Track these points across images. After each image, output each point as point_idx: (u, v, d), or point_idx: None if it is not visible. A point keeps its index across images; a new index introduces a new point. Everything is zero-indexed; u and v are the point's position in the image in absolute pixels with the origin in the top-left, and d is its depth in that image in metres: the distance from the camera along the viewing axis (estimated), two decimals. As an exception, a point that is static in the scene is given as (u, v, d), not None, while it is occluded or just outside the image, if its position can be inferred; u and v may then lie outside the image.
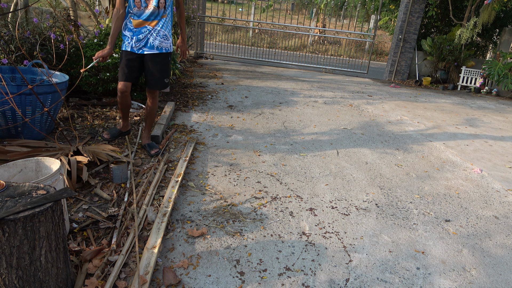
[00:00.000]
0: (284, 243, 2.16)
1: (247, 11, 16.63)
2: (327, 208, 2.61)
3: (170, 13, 2.82)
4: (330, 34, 12.91)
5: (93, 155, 2.78)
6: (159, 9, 2.75)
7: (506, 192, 3.18)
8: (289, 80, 7.67)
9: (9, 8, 5.30)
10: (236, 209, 2.48)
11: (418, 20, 8.95)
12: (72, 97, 4.32)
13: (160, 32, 2.79)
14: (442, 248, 2.26)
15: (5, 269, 1.34)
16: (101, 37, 4.31)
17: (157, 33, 2.78)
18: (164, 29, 2.80)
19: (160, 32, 2.79)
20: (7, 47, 3.77)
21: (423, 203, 2.82)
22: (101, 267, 1.78)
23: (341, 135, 4.31)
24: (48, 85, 2.98)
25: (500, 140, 4.78)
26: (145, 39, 2.79)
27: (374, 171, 3.36)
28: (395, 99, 6.83)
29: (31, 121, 3.01)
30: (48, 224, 1.41)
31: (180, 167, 2.91)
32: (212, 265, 1.91)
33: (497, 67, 7.94)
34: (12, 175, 1.92)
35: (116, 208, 2.32)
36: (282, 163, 3.33)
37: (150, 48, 2.81)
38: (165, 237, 2.10)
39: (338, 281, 1.89)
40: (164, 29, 2.81)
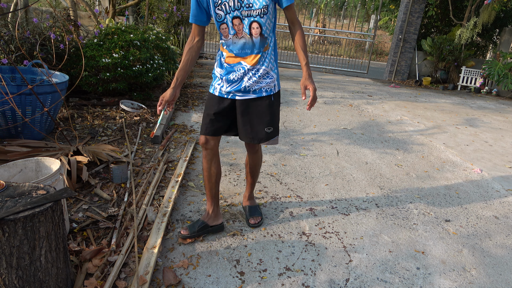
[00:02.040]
0: (284, 243, 2.16)
1: (247, 11, 16.61)
2: (327, 208, 2.61)
3: (273, 42, 1.98)
4: (330, 34, 12.91)
5: (93, 155, 2.78)
6: (255, 38, 1.88)
7: (506, 192, 3.18)
8: (289, 80, 7.67)
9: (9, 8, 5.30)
10: (236, 209, 2.48)
11: (418, 20, 8.95)
12: (72, 97, 4.32)
13: (260, 70, 1.95)
14: (442, 248, 2.26)
15: (5, 269, 1.34)
16: (101, 37, 4.32)
17: (255, 72, 1.95)
18: (267, 65, 1.96)
19: (260, 71, 1.95)
20: (7, 47, 3.77)
21: (423, 203, 2.82)
22: (101, 267, 1.78)
23: (341, 135, 4.31)
24: (48, 85, 2.98)
25: (500, 140, 4.78)
26: (239, 81, 1.97)
27: (374, 171, 3.36)
28: (395, 99, 6.83)
29: (31, 121, 3.01)
30: (48, 224, 1.41)
31: (180, 167, 2.91)
32: (212, 265, 1.91)
33: (497, 67, 7.94)
34: (12, 175, 1.92)
35: (116, 208, 2.32)
36: (282, 163, 3.33)
37: (245, 93, 1.98)
38: (165, 237, 2.10)
39: (338, 281, 1.89)
40: (267, 66, 1.96)
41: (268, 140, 2.05)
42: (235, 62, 1.96)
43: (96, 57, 4.11)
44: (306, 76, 1.89)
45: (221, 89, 2.01)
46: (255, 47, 1.90)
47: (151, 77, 4.33)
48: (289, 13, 1.89)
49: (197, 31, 1.99)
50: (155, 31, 4.86)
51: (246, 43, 1.90)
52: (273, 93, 2.01)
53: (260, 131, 2.03)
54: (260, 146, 2.24)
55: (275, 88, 2.03)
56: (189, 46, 2.00)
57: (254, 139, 2.05)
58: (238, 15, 1.84)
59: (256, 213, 2.33)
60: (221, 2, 1.83)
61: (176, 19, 6.81)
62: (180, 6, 7.10)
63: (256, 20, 1.83)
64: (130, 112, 4.18)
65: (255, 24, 1.84)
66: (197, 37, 2.00)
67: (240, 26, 1.87)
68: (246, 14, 1.83)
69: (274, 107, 2.04)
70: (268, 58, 1.95)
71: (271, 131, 2.05)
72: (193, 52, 2.01)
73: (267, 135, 2.04)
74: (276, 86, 2.03)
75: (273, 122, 2.04)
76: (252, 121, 2.02)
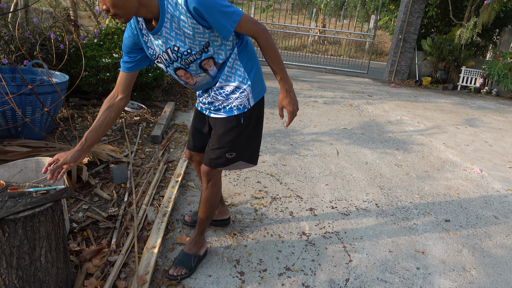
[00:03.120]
0: (284, 243, 2.16)
1: (247, 11, 16.63)
2: (327, 208, 2.61)
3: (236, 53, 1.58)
4: (330, 34, 12.91)
5: (93, 155, 2.78)
6: (211, 71, 1.58)
7: (506, 192, 3.18)
8: (289, 80, 7.66)
9: (9, 8, 5.30)
10: (236, 209, 2.48)
11: (418, 20, 8.95)
12: (72, 97, 4.32)
13: (226, 87, 1.62)
14: (442, 248, 2.26)
15: (5, 269, 1.34)
16: (101, 37, 4.32)
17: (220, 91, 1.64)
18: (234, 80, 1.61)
19: (226, 88, 1.62)
20: (7, 47, 3.77)
21: (423, 203, 2.82)
22: (101, 267, 1.78)
23: (341, 135, 4.31)
24: (48, 85, 2.98)
25: (500, 140, 4.78)
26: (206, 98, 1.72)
27: (374, 171, 3.36)
28: (395, 99, 6.83)
29: (31, 121, 3.01)
30: (48, 224, 1.41)
31: (180, 167, 2.91)
32: (212, 265, 1.91)
33: (497, 67, 7.94)
34: (12, 175, 1.92)
35: (116, 208, 2.32)
36: (282, 163, 3.33)
37: (216, 110, 1.69)
38: (165, 237, 2.10)
39: (338, 281, 1.89)
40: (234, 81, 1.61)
41: (227, 165, 1.70)
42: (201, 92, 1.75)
43: (96, 57, 4.11)
44: (284, 94, 1.60)
45: (200, 105, 1.82)
46: (216, 76, 1.60)
47: (151, 77, 4.33)
48: (242, 31, 1.48)
49: (123, 84, 1.61)
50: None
51: (205, 81, 1.62)
52: (246, 109, 1.63)
53: (220, 154, 1.67)
54: (218, 180, 1.78)
55: (249, 103, 1.64)
56: (109, 103, 1.61)
57: (212, 163, 1.70)
58: (179, 66, 1.55)
59: (183, 264, 1.79)
60: (157, 56, 1.55)
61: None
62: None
63: (203, 58, 1.51)
64: (130, 112, 4.18)
65: (205, 61, 1.53)
66: (121, 94, 1.62)
67: (187, 75, 1.58)
68: (188, 61, 1.51)
69: (241, 129, 1.66)
70: (233, 73, 1.59)
71: (233, 157, 1.69)
72: (113, 112, 1.61)
73: (227, 160, 1.68)
74: (250, 100, 1.64)
75: (237, 146, 1.67)
76: (213, 141, 1.69)
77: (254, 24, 1.47)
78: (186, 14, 1.37)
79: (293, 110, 1.62)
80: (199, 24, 1.40)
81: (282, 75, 1.58)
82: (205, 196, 1.79)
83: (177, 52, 1.48)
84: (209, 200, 1.80)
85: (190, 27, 1.40)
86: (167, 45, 1.47)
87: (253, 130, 1.71)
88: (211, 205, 1.82)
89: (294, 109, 1.62)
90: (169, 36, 1.44)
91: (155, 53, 1.53)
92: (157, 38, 1.46)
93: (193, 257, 1.85)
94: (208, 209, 1.82)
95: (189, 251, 1.86)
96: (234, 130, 1.65)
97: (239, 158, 1.71)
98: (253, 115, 1.68)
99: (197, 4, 1.33)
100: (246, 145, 1.71)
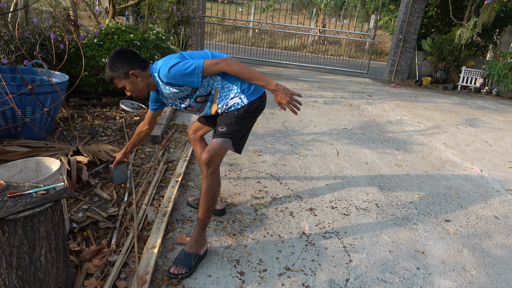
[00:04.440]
0: (284, 243, 2.16)
1: (247, 11, 16.63)
2: (327, 208, 2.61)
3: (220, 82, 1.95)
4: (330, 34, 12.91)
5: (93, 155, 2.78)
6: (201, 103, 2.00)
7: (506, 192, 3.18)
8: (289, 80, 7.67)
9: (9, 8, 5.30)
10: (236, 209, 2.48)
11: (418, 20, 8.95)
12: (72, 97, 4.32)
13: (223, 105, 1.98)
14: (442, 248, 2.26)
15: (5, 269, 1.34)
16: (101, 37, 4.31)
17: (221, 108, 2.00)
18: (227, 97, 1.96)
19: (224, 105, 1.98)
20: (7, 47, 3.77)
21: (423, 203, 2.82)
22: (101, 267, 1.78)
23: (341, 135, 4.31)
24: (48, 85, 2.98)
25: (500, 140, 4.78)
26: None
27: (374, 171, 3.36)
28: (395, 99, 6.83)
29: (31, 121, 3.01)
30: (48, 224, 1.41)
31: (180, 167, 2.91)
32: (212, 265, 1.91)
33: (497, 67, 7.94)
34: (12, 175, 1.92)
35: (116, 208, 2.32)
36: (282, 163, 3.33)
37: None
38: (165, 237, 2.10)
39: (338, 281, 1.89)
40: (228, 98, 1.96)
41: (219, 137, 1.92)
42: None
43: (96, 57, 4.11)
44: (274, 94, 1.87)
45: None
46: (211, 100, 2.00)
47: (151, 77, 4.32)
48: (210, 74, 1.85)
49: (149, 119, 2.30)
50: (155, 31, 4.86)
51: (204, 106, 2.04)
52: (240, 106, 1.94)
53: (216, 130, 1.98)
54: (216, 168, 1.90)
55: (243, 101, 1.94)
56: (140, 130, 2.36)
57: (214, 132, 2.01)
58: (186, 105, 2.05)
59: (184, 263, 1.82)
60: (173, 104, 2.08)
61: (176, 19, 6.81)
62: (180, 6, 7.10)
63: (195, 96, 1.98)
64: (130, 112, 4.18)
65: (198, 98, 1.99)
66: (147, 125, 2.33)
67: (195, 109, 2.08)
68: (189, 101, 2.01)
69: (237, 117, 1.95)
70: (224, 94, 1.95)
71: (224, 131, 1.93)
72: (141, 136, 2.39)
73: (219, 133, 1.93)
74: (243, 99, 1.94)
75: (227, 124, 1.93)
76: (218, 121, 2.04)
77: (217, 65, 1.81)
78: (165, 86, 1.89)
79: (288, 101, 1.84)
80: (176, 86, 1.86)
81: (264, 83, 1.83)
82: (205, 186, 1.86)
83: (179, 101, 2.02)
84: (210, 189, 1.86)
85: (173, 89, 1.89)
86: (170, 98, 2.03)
87: (243, 120, 1.96)
88: (211, 195, 1.87)
89: (287, 99, 1.84)
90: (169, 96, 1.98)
91: (168, 102, 2.09)
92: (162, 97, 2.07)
93: (193, 256, 1.86)
94: (209, 199, 1.87)
95: (190, 250, 1.88)
96: (230, 116, 1.96)
97: (228, 135, 1.92)
98: (245, 109, 1.96)
99: (167, 79, 1.81)
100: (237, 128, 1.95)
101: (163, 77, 1.81)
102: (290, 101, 1.84)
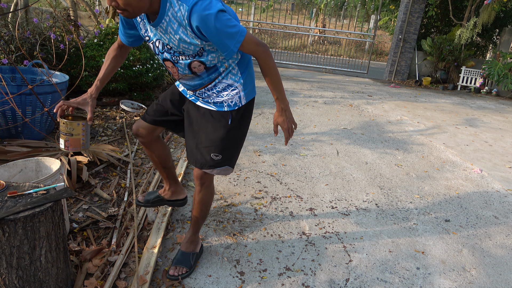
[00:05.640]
0: (284, 243, 2.16)
1: (247, 11, 16.63)
2: (327, 208, 2.61)
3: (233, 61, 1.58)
4: (330, 34, 12.91)
5: (93, 155, 2.78)
6: (200, 72, 1.54)
7: (506, 192, 3.18)
8: (289, 80, 7.67)
9: (9, 8, 5.30)
10: (236, 209, 2.48)
11: (418, 20, 8.95)
12: (72, 97, 4.32)
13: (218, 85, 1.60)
14: (442, 248, 2.26)
15: (5, 269, 1.34)
16: (101, 37, 4.32)
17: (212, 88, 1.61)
18: (227, 79, 1.59)
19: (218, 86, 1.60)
20: (7, 47, 3.77)
21: (423, 203, 2.82)
22: (101, 267, 1.78)
23: (341, 135, 4.31)
24: (48, 85, 2.98)
25: (500, 140, 4.78)
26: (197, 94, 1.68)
27: (374, 171, 3.36)
28: (395, 99, 6.83)
29: (31, 121, 3.01)
30: (48, 224, 1.41)
31: (180, 167, 2.91)
32: (212, 265, 1.91)
33: (497, 67, 7.94)
34: (12, 175, 1.92)
35: (116, 208, 2.32)
36: (282, 163, 3.33)
37: (205, 103, 1.66)
38: (165, 237, 2.10)
39: (338, 281, 1.89)
40: (227, 79, 1.60)
41: (213, 168, 1.64)
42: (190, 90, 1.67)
43: (96, 57, 4.11)
44: (279, 113, 1.61)
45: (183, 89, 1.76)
46: (203, 77, 1.56)
47: (151, 77, 4.33)
48: (243, 50, 1.46)
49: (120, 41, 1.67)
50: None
51: (190, 78, 1.58)
52: (237, 107, 1.63)
53: (204, 154, 1.63)
54: (211, 182, 1.75)
55: (241, 101, 1.63)
56: (115, 53, 1.68)
57: (197, 162, 1.65)
58: (168, 58, 1.52)
59: (183, 263, 1.79)
60: (149, 40, 1.52)
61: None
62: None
63: (195, 59, 1.48)
64: (130, 112, 4.18)
65: (196, 63, 1.49)
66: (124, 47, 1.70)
67: (174, 69, 1.56)
68: (178, 58, 1.49)
69: (230, 130, 1.63)
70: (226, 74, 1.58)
71: (219, 159, 1.63)
72: (119, 62, 1.71)
73: (213, 162, 1.63)
74: (242, 99, 1.63)
75: (223, 148, 1.63)
76: (200, 139, 1.65)
77: (257, 45, 1.44)
78: (187, 28, 1.35)
79: (288, 127, 1.62)
80: (198, 38, 1.38)
81: (279, 95, 1.57)
82: (199, 198, 1.77)
83: (169, 49, 1.48)
84: (204, 202, 1.78)
85: (187, 38, 1.39)
86: (160, 39, 1.46)
87: (239, 132, 1.69)
88: (206, 205, 1.81)
89: (289, 126, 1.63)
90: (163, 35, 1.43)
91: (149, 37, 1.51)
92: (153, 29, 1.44)
93: (191, 255, 1.86)
94: (203, 210, 1.81)
95: (187, 249, 1.86)
96: (221, 129, 1.63)
97: (225, 162, 1.66)
98: (241, 116, 1.66)
99: (200, 24, 1.30)
100: (233, 148, 1.68)
101: (199, 16, 1.29)
102: (290, 129, 1.63)
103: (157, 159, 1.92)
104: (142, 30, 1.51)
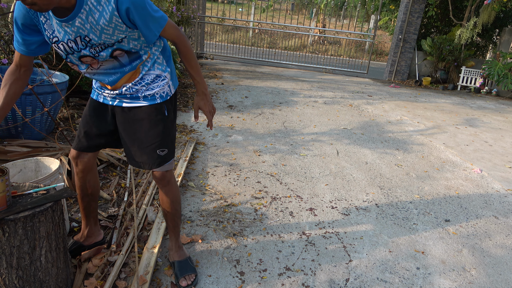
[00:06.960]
0: (284, 243, 2.16)
1: (247, 11, 16.63)
2: (327, 208, 2.61)
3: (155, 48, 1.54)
4: (330, 34, 12.91)
5: (93, 155, 2.78)
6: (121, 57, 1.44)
7: (506, 192, 3.18)
8: (289, 80, 7.67)
9: (9, 8, 5.30)
10: (236, 209, 2.48)
11: (418, 20, 8.95)
12: (72, 97, 4.32)
13: (146, 77, 1.53)
14: (442, 248, 2.26)
15: (5, 269, 1.34)
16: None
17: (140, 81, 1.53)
18: (154, 69, 1.54)
19: (146, 77, 1.53)
20: (7, 47, 3.77)
21: (423, 203, 2.82)
22: (101, 267, 1.78)
23: (341, 135, 4.31)
24: (48, 85, 2.98)
25: (500, 140, 4.78)
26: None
27: (374, 171, 3.36)
28: (395, 99, 6.83)
29: (31, 121, 3.01)
30: (48, 224, 1.41)
31: (180, 167, 2.91)
32: (212, 265, 1.91)
33: (497, 67, 7.94)
34: (12, 175, 1.92)
35: (116, 208, 2.32)
36: (282, 163, 3.33)
37: (133, 99, 1.56)
38: (165, 237, 2.10)
39: (338, 281, 1.89)
40: (154, 69, 1.54)
41: (162, 165, 1.61)
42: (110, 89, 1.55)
43: (96, 57, 4.11)
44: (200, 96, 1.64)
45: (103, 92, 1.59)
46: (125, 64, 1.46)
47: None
48: (164, 35, 1.47)
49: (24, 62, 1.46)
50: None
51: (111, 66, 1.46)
52: (169, 97, 1.61)
53: (150, 153, 1.57)
54: (171, 176, 1.69)
55: (171, 90, 1.62)
56: (15, 77, 1.46)
57: (145, 164, 1.59)
58: (88, 53, 1.40)
59: (188, 270, 1.78)
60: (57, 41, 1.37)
61: (176, 19, 6.81)
62: (180, 6, 7.10)
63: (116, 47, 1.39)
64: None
65: (118, 51, 1.41)
66: (24, 67, 1.48)
67: (94, 61, 1.43)
68: (99, 49, 1.38)
69: (168, 122, 1.61)
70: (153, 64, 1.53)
71: (165, 154, 1.61)
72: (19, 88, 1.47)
73: (160, 158, 1.59)
74: (171, 88, 1.62)
75: (167, 141, 1.61)
76: (140, 139, 1.57)
77: (176, 30, 1.48)
78: (113, 12, 1.29)
79: (209, 110, 1.68)
80: (123, 24, 1.33)
81: (199, 79, 1.61)
82: (171, 197, 1.73)
83: (87, 42, 1.36)
84: (176, 199, 1.75)
85: (112, 24, 1.31)
86: (78, 34, 1.33)
87: (174, 122, 1.69)
88: (178, 202, 1.77)
89: (209, 109, 1.68)
90: (82, 27, 1.31)
91: (57, 38, 1.36)
92: (66, 26, 1.31)
93: (188, 259, 1.86)
94: (178, 208, 1.78)
95: (182, 257, 1.84)
96: (160, 123, 1.58)
97: (171, 155, 1.65)
98: (173, 106, 1.67)
99: (131, 5, 1.28)
100: (174, 139, 1.68)
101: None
102: (211, 112, 1.67)
103: (91, 190, 1.78)
104: (47, 31, 1.36)
